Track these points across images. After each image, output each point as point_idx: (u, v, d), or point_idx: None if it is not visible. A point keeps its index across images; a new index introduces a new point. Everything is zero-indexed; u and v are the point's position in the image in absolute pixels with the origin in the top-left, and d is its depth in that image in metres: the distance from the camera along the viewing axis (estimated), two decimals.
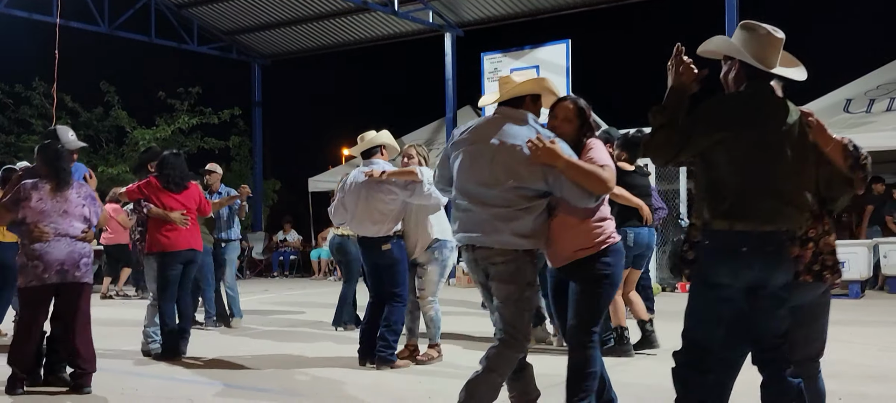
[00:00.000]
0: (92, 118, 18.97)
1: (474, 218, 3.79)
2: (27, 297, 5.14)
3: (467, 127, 4.01)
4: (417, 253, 6.13)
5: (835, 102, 13.84)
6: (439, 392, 5.12)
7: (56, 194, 5.20)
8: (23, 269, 5.12)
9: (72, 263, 5.16)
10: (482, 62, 14.70)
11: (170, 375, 5.89)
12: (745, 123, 3.10)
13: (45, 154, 5.30)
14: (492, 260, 3.76)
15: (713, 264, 3.12)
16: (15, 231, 5.37)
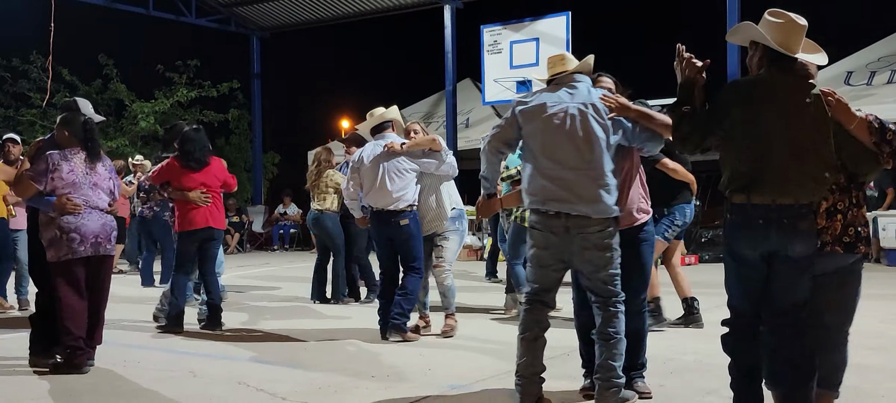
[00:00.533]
0: (90, 91, 18.89)
1: (570, 186, 3.87)
2: (62, 271, 5.03)
3: (536, 96, 4.06)
4: (436, 225, 6.13)
5: (835, 74, 13.80)
6: (439, 364, 5.16)
7: (87, 166, 5.16)
8: (55, 243, 5.01)
9: (104, 236, 5.16)
10: (482, 34, 14.65)
11: (171, 348, 5.92)
12: (761, 102, 3.30)
13: (74, 125, 5.20)
14: (589, 229, 3.86)
15: (735, 236, 3.35)
16: (37, 203, 5.14)
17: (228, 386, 4.64)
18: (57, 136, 5.23)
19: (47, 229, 5.06)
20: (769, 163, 3.25)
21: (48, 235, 5.05)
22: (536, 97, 4.06)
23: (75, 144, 5.18)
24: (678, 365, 5.01)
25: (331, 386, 4.58)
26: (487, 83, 14.64)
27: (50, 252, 5.04)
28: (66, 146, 5.17)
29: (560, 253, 3.95)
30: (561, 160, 3.90)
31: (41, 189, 5.04)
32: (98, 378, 4.91)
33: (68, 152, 5.14)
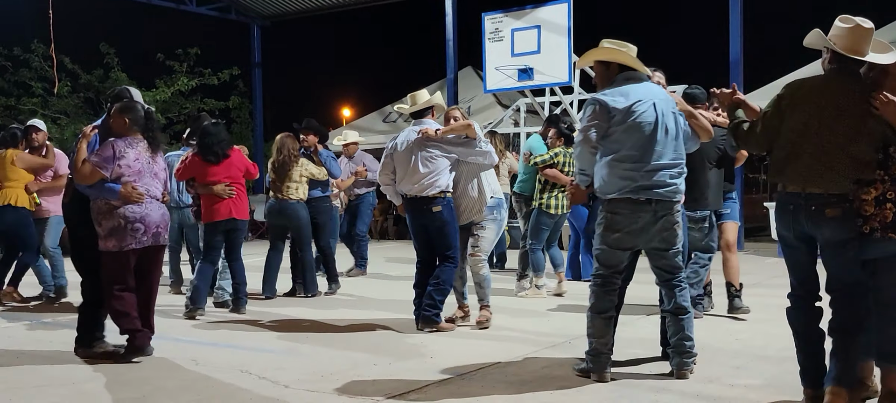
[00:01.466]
0: (92, 80, 18.90)
1: (662, 176, 4.30)
2: (120, 260, 4.99)
3: (621, 92, 4.32)
4: (474, 214, 6.02)
5: None
6: (441, 352, 5.17)
7: (149, 155, 5.16)
8: (118, 232, 4.95)
9: (163, 226, 5.18)
10: (483, 22, 14.60)
11: (173, 336, 5.93)
12: (804, 101, 3.66)
13: (135, 113, 5.15)
14: (671, 213, 4.37)
15: (776, 218, 3.80)
16: (100, 190, 4.99)
17: (231, 374, 4.66)
18: (113, 124, 5.15)
19: (108, 218, 4.98)
20: (798, 156, 3.61)
21: (110, 224, 4.97)
22: (621, 93, 4.31)
23: (135, 133, 5.13)
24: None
25: (333, 374, 4.59)
26: (489, 71, 14.60)
27: (110, 241, 4.98)
28: (123, 134, 5.10)
29: (638, 238, 4.33)
30: (656, 153, 4.27)
31: (107, 176, 4.98)
32: (100, 366, 4.93)
33: (132, 140, 5.10)
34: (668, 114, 4.35)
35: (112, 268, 5.00)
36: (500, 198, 6.15)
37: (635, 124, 4.26)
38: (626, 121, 4.26)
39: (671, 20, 25.38)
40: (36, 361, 5.13)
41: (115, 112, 5.17)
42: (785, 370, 4.50)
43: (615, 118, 4.27)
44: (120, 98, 5.39)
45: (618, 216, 4.28)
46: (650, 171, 4.26)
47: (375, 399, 4.03)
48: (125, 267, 5.02)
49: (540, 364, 4.83)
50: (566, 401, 3.94)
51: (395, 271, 10.84)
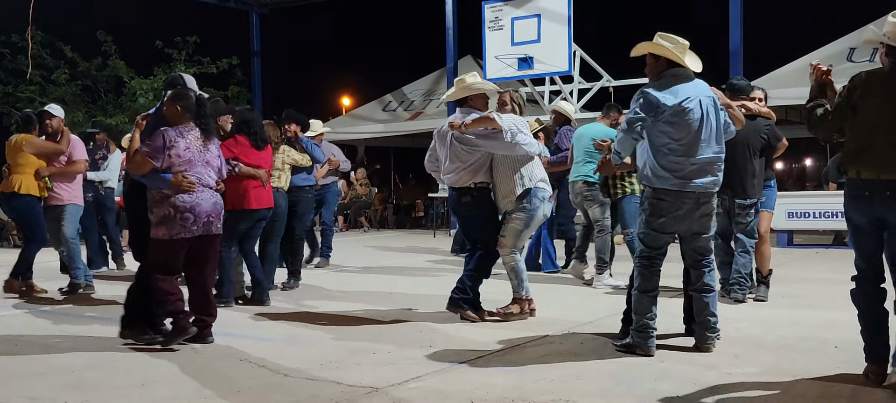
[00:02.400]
0: (90, 68, 18.86)
1: (706, 169, 4.69)
2: (172, 248, 4.99)
3: (671, 87, 4.66)
4: (505, 203, 5.88)
5: (838, 51, 13.74)
6: (440, 341, 5.17)
7: (201, 143, 5.12)
8: (168, 221, 4.94)
9: (216, 215, 5.14)
10: (483, 11, 14.57)
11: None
12: (874, 92, 3.87)
13: (187, 102, 5.10)
14: (709, 202, 4.80)
15: (848, 204, 3.98)
16: (151, 180, 5.00)
17: (230, 362, 4.66)
18: (166, 112, 5.12)
19: (160, 207, 4.97)
20: (872, 144, 3.81)
21: (161, 213, 4.97)
22: (671, 91, 4.62)
23: (187, 121, 5.10)
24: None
25: (332, 362, 4.60)
26: (489, 60, 14.58)
27: (161, 229, 4.97)
28: (176, 122, 5.07)
29: (680, 224, 4.74)
30: (701, 148, 4.63)
31: (158, 166, 4.96)
32: (99, 354, 4.93)
33: (183, 129, 5.07)
34: (712, 110, 4.71)
35: (160, 256, 5.02)
36: (533, 187, 5.82)
37: (683, 122, 4.60)
38: (674, 119, 4.59)
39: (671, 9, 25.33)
40: (34, 349, 5.14)
41: (167, 100, 5.14)
42: (782, 357, 4.52)
43: (664, 114, 4.59)
44: (173, 85, 5.34)
45: (663, 203, 4.66)
46: (695, 165, 4.63)
47: (374, 388, 4.03)
48: (174, 255, 5.02)
49: (540, 351, 4.84)
50: (566, 388, 3.94)
51: (394, 261, 10.87)
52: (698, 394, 3.82)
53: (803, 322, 5.64)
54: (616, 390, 3.94)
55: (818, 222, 11.52)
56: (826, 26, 15.12)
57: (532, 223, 5.92)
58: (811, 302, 6.56)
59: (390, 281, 8.40)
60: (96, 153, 9.61)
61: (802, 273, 8.41)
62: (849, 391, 3.83)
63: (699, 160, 4.64)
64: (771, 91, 13.66)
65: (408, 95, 19.80)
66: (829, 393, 3.79)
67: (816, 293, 7.04)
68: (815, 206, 11.50)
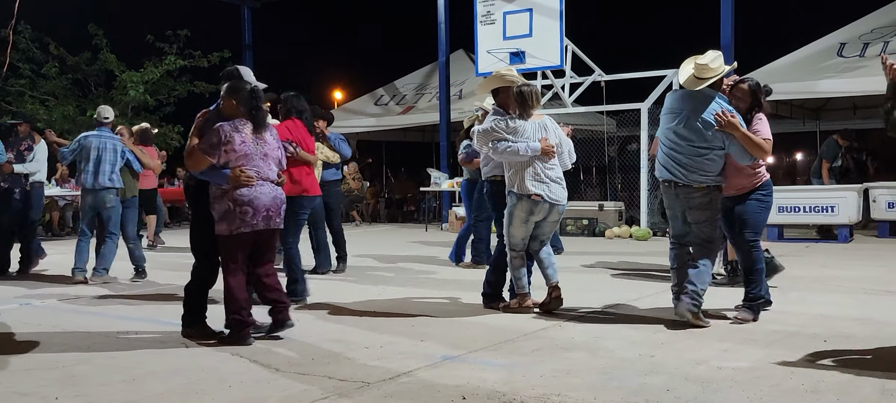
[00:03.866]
0: (80, 62, 18.77)
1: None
2: (234, 244, 4.96)
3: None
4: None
5: (829, 46, 13.79)
6: (433, 335, 5.18)
7: (256, 136, 5.08)
8: (228, 216, 4.92)
9: (275, 209, 5.09)
10: (475, 5, 14.56)
11: (165, 320, 5.94)
12: None
13: (241, 94, 5.06)
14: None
15: None
16: (210, 176, 4.98)
17: (221, 357, 4.66)
18: (223, 107, 5.09)
19: (220, 202, 4.95)
20: None
21: (221, 208, 4.95)
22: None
23: (242, 114, 5.07)
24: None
25: (323, 357, 4.60)
26: (481, 54, 14.57)
27: (222, 225, 4.95)
28: (232, 116, 5.05)
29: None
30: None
31: (214, 162, 4.93)
32: (92, 350, 4.93)
33: (238, 123, 5.03)
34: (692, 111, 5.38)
35: (225, 252, 5.01)
36: (515, 191, 5.82)
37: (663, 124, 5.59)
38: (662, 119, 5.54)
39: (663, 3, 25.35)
40: (26, 344, 5.12)
41: (224, 94, 5.12)
42: (771, 353, 4.54)
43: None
44: (230, 77, 5.31)
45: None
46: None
47: (365, 382, 4.04)
48: (238, 250, 4.99)
49: (531, 345, 4.85)
50: (556, 382, 3.96)
51: (386, 255, 10.87)
52: (688, 388, 3.84)
53: (793, 316, 5.67)
54: (606, 384, 3.95)
55: (808, 216, 11.57)
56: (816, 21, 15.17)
57: (513, 220, 5.90)
58: (801, 296, 6.60)
59: (382, 275, 8.40)
60: (20, 144, 9.09)
61: (792, 267, 8.44)
62: (838, 385, 3.85)
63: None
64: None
65: (400, 89, 19.78)
66: (819, 388, 3.81)
67: (806, 287, 7.08)
68: (805, 201, 11.55)
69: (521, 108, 5.85)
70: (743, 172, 5.47)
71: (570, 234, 13.76)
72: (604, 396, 3.75)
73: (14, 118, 10.48)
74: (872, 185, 12.32)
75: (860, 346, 4.69)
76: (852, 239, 11.45)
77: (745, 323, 5.38)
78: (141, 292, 7.44)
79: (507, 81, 5.97)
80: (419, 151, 22.80)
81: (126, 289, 7.63)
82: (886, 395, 3.68)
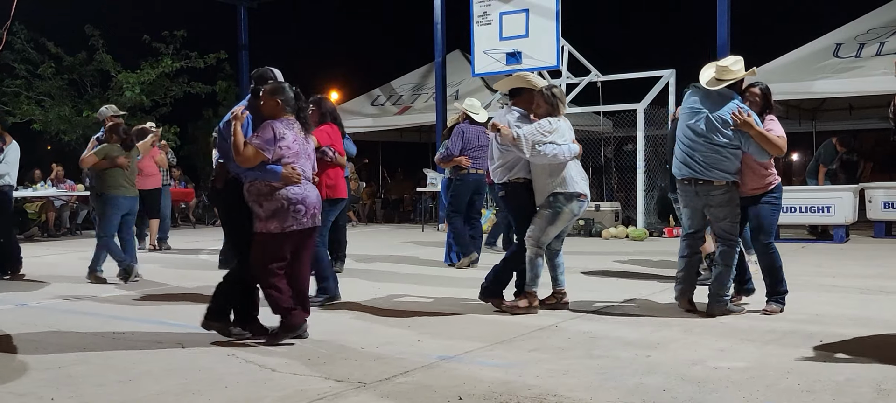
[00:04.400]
0: (76, 62, 18.73)
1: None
2: (282, 241, 4.96)
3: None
4: (538, 200, 5.98)
5: (824, 47, 13.81)
6: (430, 335, 5.18)
7: (303, 136, 5.11)
8: (280, 214, 4.91)
9: (319, 207, 5.14)
10: (471, 5, 14.55)
11: (161, 320, 5.93)
12: None
13: (285, 95, 5.06)
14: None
15: None
16: (261, 173, 4.94)
17: (217, 357, 4.66)
18: (264, 106, 5.07)
19: (270, 200, 4.93)
20: None
21: (272, 206, 4.93)
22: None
23: (288, 114, 5.07)
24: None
25: (320, 357, 4.60)
26: (477, 55, 14.57)
27: (272, 223, 4.94)
28: (273, 115, 5.03)
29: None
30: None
31: (269, 158, 4.93)
32: (88, 350, 4.92)
33: (287, 122, 5.04)
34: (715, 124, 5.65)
35: (270, 249, 4.98)
36: (558, 192, 5.84)
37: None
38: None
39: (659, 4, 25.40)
40: (23, 344, 5.12)
41: (265, 94, 5.10)
42: (767, 353, 4.55)
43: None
44: (264, 79, 5.30)
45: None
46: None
47: (362, 383, 4.04)
48: (284, 248, 5.01)
49: (528, 345, 4.85)
50: (553, 382, 3.96)
51: (382, 256, 10.87)
52: (684, 388, 3.84)
53: (789, 316, 5.68)
54: (603, 384, 3.96)
55: (804, 217, 11.59)
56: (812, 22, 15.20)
57: (558, 220, 5.89)
58: (797, 296, 6.60)
59: (378, 275, 8.40)
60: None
61: (788, 267, 8.46)
62: (833, 385, 3.86)
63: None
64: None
65: (396, 90, 19.78)
66: (814, 387, 3.82)
67: (802, 287, 7.08)
68: (801, 201, 11.57)
69: (555, 109, 5.91)
70: (756, 174, 5.67)
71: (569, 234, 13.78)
72: (600, 396, 3.75)
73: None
74: (868, 185, 12.35)
75: (856, 346, 4.70)
76: (848, 240, 11.47)
77: (775, 314, 5.73)
78: (138, 293, 7.42)
79: (532, 84, 6.08)
80: (415, 152, 22.80)
81: (123, 290, 7.62)
82: (882, 395, 3.69)
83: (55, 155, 19.43)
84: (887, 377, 3.97)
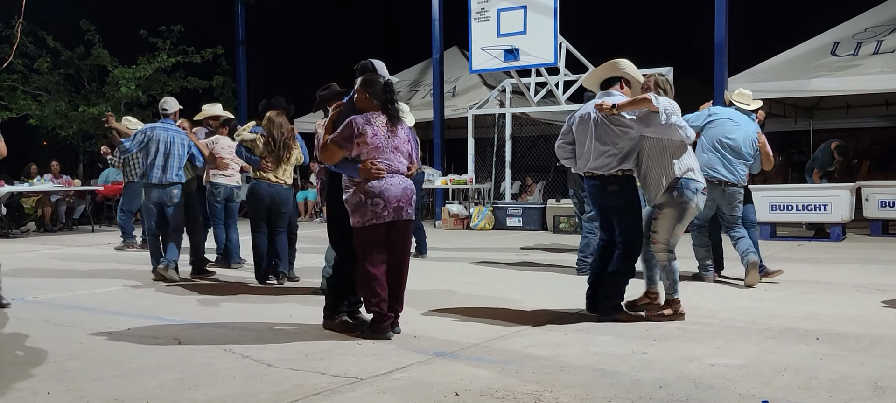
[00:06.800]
0: (73, 57, 18.70)
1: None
2: (364, 236, 4.98)
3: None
4: (654, 194, 5.47)
5: (822, 45, 13.83)
6: (426, 331, 5.18)
7: (388, 129, 5.08)
8: (359, 208, 4.95)
9: (406, 200, 5.09)
10: (469, 1, 14.55)
11: (157, 315, 5.93)
12: None
13: (375, 88, 5.07)
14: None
15: None
16: (342, 168, 5.02)
17: (213, 352, 4.65)
18: (356, 100, 5.10)
19: (352, 194, 4.98)
20: None
21: (353, 201, 4.98)
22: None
23: (376, 108, 5.08)
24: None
25: (316, 353, 4.60)
26: (475, 51, 14.57)
27: (355, 217, 4.98)
28: (365, 109, 5.06)
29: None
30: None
31: (348, 154, 4.96)
32: (83, 344, 4.91)
33: (371, 116, 5.04)
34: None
35: (359, 243, 5.02)
36: (683, 177, 5.40)
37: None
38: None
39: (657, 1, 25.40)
40: (17, 338, 5.11)
41: (357, 87, 5.13)
42: (763, 350, 4.55)
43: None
44: (364, 71, 5.31)
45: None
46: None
47: (358, 379, 4.04)
48: (371, 242, 5.00)
49: (524, 342, 4.85)
50: (549, 379, 3.96)
51: None
52: (681, 385, 3.84)
53: (785, 314, 5.69)
54: (599, 381, 3.96)
55: (801, 215, 11.60)
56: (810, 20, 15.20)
57: (685, 216, 5.47)
58: (793, 294, 6.62)
59: None
60: None
61: (785, 265, 8.48)
62: (830, 383, 3.86)
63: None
64: (755, 84, 13.79)
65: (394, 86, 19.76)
66: (811, 385, 3.83)
67: (798, 285, 7.10)
68: (798, 199, 11.59)
69: (667, 95, 5.56)
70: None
71: (564, 232, 13.78)
72: (596, 393, 3.75)
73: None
74: (864, 184, 12.37)
75: (852, 344, 4.71)
76: (844, 238, 11.48)
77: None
78: (134, 288, 7.42)
79: (624, 72, 5.62)
80: None
81: (121, 285, 7.61)
82: (878, 392, 3.69)
83: (51, 150, 19.41)
84: (883, 375, 3.98)
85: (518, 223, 14.91)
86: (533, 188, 17.38)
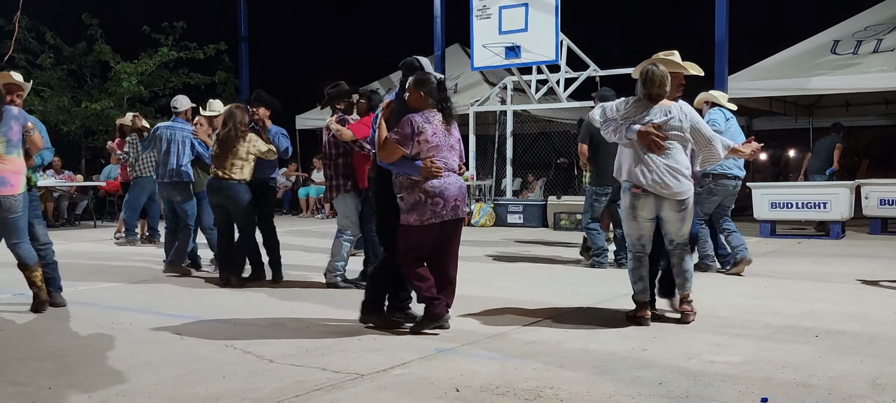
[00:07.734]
0: (75, 53, 18.71)
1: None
2: (423, 233, 4.98)
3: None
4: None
5: (822, 43, 13.82)
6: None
7: (444, 128, 5.09)
8: (419, 207, 4.94)
9: (462, 199, 5.11)
10: None
11: (159, 310, 5.95)
12: None
13: (429, 86, 5.08)
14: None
15: None
16: (401, 167, 4.99)
17: (215, 348, 4.67)
18: (409, 98, 5.09)
19: (410, 193, 4.97)
20: None
21: (411, 199, 4.97)
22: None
23: (430, 106, 5.07)
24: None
25: (317, 349, 4.62)
26: (476, 48, 14.58)
27: (412, 215, 4.97)
28: (419, 108, 5.05)
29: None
30: None
31: (407, 153, 4.95)
32: (86, 340, 4.94)
33: (428, 115, 5.04)
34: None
35: (411, 240, 5.01)
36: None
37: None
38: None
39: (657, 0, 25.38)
40: (20, 333, 5.13)
41: (410, 86, 5.12)
42: (763, 347, 4.57)
43: None
44: (411, 69, 5.32)
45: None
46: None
47: (359, 374, 4.05)
48: (424, 239, 5.02)
49: (524, 338, 4.87)
50: (549, 375, 3.98)
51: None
52: (680, 382, 3.86)
53: (785, 311, 5.70)
54: (599, 378, 3.97)
55: (800, 212, 11.61)
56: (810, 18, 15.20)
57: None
58: (793, 292, 6.63)
59: None
60: None
61: (784, 263, 8.49)
62: (829, 380, 3.88)
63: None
64: (755, 82, 13.78)
65: (395, 83, 19.74)
66: (810, 382, 3.84)
67: (798, 282, 7.11)
68: (798, 197, 11.60)
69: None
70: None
71: (564, 228, 13.79)
72: (596, 389, 3.77)
73: None
74: (864, 182, 12.38)
75: (851, 341, 4.72)
76: (844, 236, 11.50)
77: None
78: (136, 283, 7.44)
79: (677, 65, 5.68)
80: None
81: (121, 281, 7.63)
82: (877, 389, 3.71)
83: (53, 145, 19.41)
84: (882, 372, 3.99)
85: (519, 220, 14.93)
86: (534, 185, 17.40)
